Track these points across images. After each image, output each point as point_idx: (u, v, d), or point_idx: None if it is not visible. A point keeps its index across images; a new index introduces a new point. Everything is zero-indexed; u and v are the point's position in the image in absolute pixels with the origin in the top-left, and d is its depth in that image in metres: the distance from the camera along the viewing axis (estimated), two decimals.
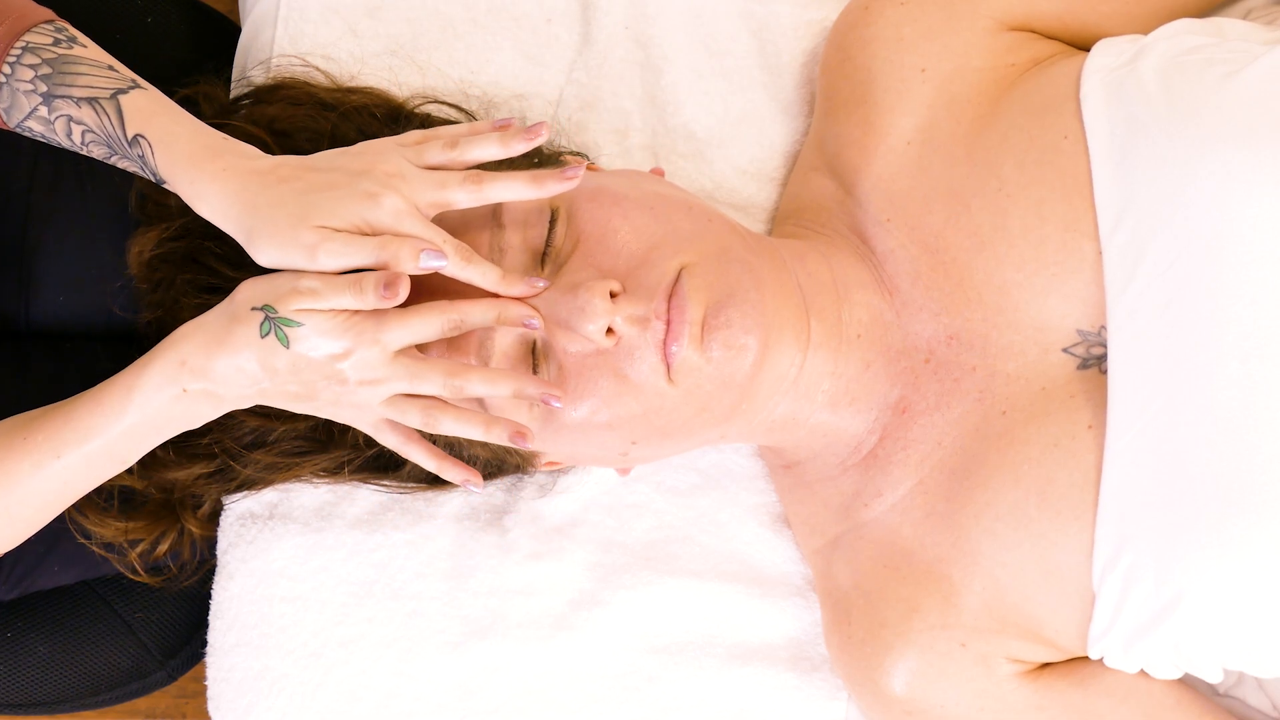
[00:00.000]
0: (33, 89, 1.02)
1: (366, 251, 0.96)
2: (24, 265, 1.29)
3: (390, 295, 0.96)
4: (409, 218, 0.98)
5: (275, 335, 0.98)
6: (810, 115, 1.29)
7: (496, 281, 1.01)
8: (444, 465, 1.05)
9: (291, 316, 0.97)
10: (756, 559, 1.25)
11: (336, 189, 0.98)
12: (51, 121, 1.03)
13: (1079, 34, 1.15)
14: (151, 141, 1.01)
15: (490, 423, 1.02)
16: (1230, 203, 0.99)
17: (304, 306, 0.97)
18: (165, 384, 1.00)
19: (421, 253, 0.97)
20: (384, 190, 0.98)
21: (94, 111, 1.02)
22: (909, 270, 1.12)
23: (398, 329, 0.98)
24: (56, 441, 1.02)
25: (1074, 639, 1.08)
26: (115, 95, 1.02)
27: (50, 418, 1.03)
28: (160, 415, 1.02)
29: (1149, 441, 1.00)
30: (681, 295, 1.02)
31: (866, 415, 1.13)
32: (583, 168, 1.02)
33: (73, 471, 1.03)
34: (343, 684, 1.23)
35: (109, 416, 1.02)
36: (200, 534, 1.23)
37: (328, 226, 0.97)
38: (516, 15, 1.32)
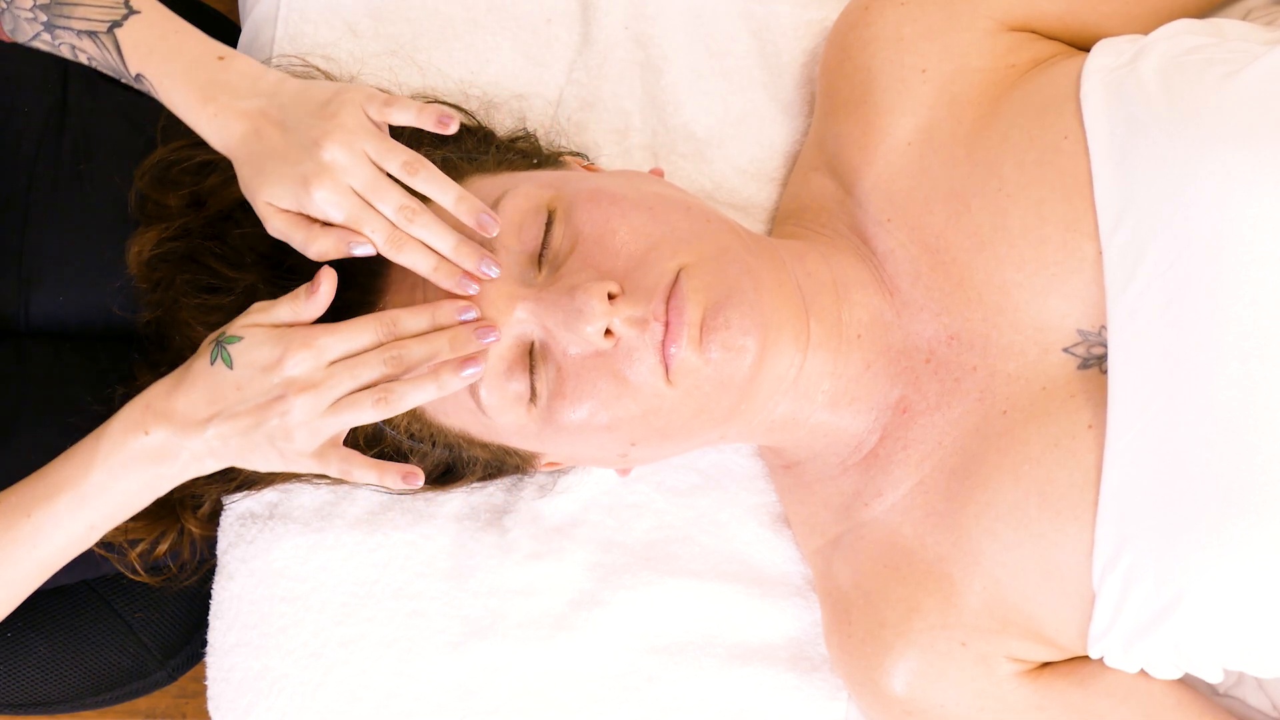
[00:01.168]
0: (33, 17, 1.04)
1: (297, 240, 1.03)
2: (24, 265, 1.29)
3: (311, 291, 1.03)
4: (338, 209, 1.01)
5: (221, 358, 1.02)
6: (810, 115, 1.29)
7: (430, 270, 1.03)
8: (384, 471, 1.05)
9: (235, 332, 1.02)
10: (756, 559, 1.25)
11: (286, 165, 1.01)
12: (56, 46, 1.06)
13: (1079, 34, 1.15)
14: (152, 82, 1.05)
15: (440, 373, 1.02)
16: (1230, 203, 0.99)
17: (246, 322, 1.03)
18: (129, 428, 1.03)
19: (351, 245, 1.01)
20: (316, 180, 1.00)
21: (94, 44, 1.04)
22: (909, 270, 1.11)
23: (327, 334, 1.01)
24: (27, 499, 1.04)
25: (1074, 638, 1.08)
26: (111, 29, 1.04)
27: (25, 480, 1.06)
28: (127, 471, 1.04)
29: (1149, 441, 1.00)
30: (680, 296, 1.02)
31: (867, 415, 1.13)
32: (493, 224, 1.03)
33: (42, 533, 1.04)
34: (343, 684, 1.23)
35: (77, 467, 1.04)
36: (200, 534, 1.23)
37: (273, 205, 1.02)
38: (516, 15, 1.32)
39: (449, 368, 1.02)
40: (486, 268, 1.02)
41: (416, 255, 1.02)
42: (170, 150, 1.21)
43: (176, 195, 1.19)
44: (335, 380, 1.01)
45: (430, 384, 1.02)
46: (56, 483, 1.04)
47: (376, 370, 1.01)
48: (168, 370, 1.17)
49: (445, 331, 1.02)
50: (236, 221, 1.16)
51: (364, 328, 1.02)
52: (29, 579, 1.07)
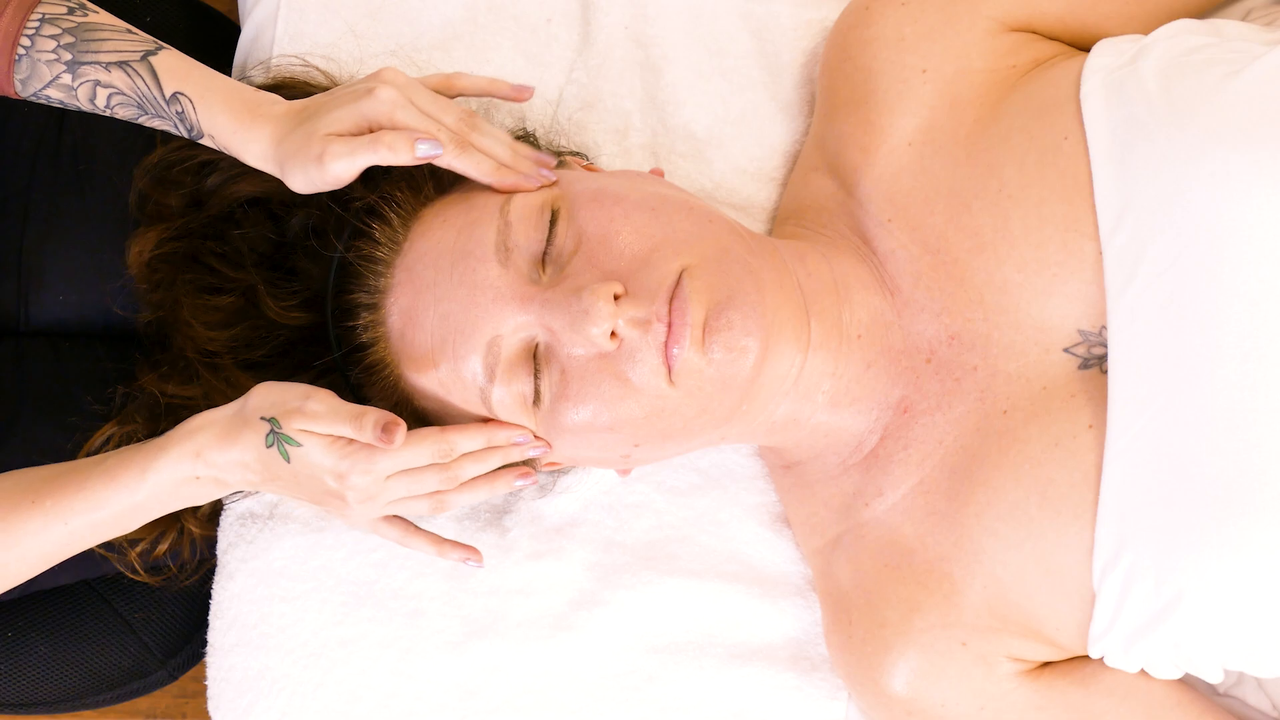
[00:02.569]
0: (55, 58, 1.04)
1: (363, 147, 1.02)
2: (24, 265, 1.29)
3: (386, 439, 1.01)
4: (403, 109, 1.03)
5: (278, 449, 1.03)
6: (810, 115, 1.29)
7: (490, 173, 1.06)
8: (444, 549, 1.13)
9: (293, 435, 1.02)
10: (756, 559, 1.25)
11: (338, 99, 1.04)
12: (75, 89, 1.06)
13: (1079, 35, 1.15)
14: (192, 99, 1.06)
15: (493, 482, 1.09)
16: (1230, 203, 0.99)
17: (304, 428, 1.02)
18: (179, 471, 1.05)
19: (417, 142, 1.02)
20: (379, 84, 1.03)
21: (125, 74, 1.05)
22: (910, 271, 1.11)
23: (387, 460, 1.04)
24: (65, 510, 1.06)
25: (1074, 638, 1.08)
26: (145, 57, 1.05)
27: (61, 484, 1.07)
28: (170, 495, 1.07)
29: (1149, 441, 1.00)
30: (683, 297, 1.02)
31: (867, 415, 1.13)
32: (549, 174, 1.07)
33: (77, 537, 1.07)
34: (343, 684, 1.23)
35: (121, 492, 1.06)
36: (200, 534, 1.23)
37: (333, 133, 1.02)
38: (516, 15, 1.32)
39: (505, 477, 1.09)
40: (545, 172, 1.07)
41: (479, 158, 1.05)
42: (170, 150, 1.21)
43: (177, 195, 1.19)
44: (393, 493, 1.06)
45: (484, 490, 1.09)
46: (97, 503, 1.06)
47: (432, 486, 1.07)
48: (169, 370, 1.17)
49: (499, 451, 1.07)
50: (237, 222, 1.16)
51: (422, 451, 1.05)
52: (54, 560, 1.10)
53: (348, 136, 1.02)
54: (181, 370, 1.17)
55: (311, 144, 1.03)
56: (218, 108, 1.06)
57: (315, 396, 1.04)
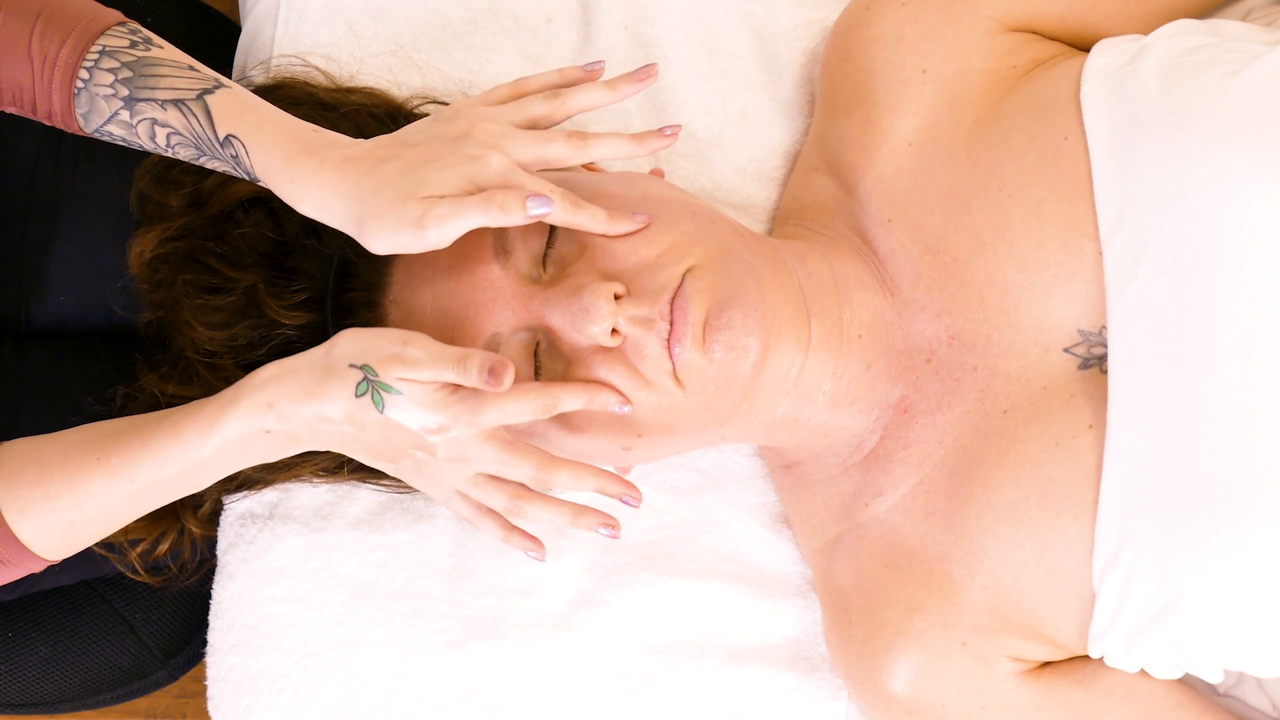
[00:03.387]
0: (113, 93, 1.00)
1: (472, 208, 0.95)
2: (24, 265, 1.29)
3: (494, 382, 0.95)
4: (516, 173, 0.97)
5: (371, 397, 0.97)
6: (810, 115, 1.29)
7: (605, 223, 1.01)
8: (512, 537, 1.07)
9: (391, 383, 0.97)
10: (756, 559, 1.25)
11: (439, 159, 0.97)
12: (134, 125, 1.01)
13: (1079, 35, 1.15)
14: (244, 141, 0.99)
15: (579, 513, 1.04)
16: (1230, 203, 0.99)
17: (405, 375, 0.97)
18: (249, 425, 1.00)
19: (528, 199, 0.96)
20: (487, 150, 0.97)
21: (180, 113, 1.00)
22: (910, 271, 1.12)
23: (493, 411, 0.98)
24: (131, 467, 1.02)
25: (1074, 638, 1.08)
26: (201, 96, 1.00)
27: (126, 440, 1.02)
28: (239, 451, 1.02)
29: (1149, 441, 1.01)
30: (684, 297, 1.02)
31: (867, 415, 1.13)
32: (679, 129, 1.03)
33: (144, 495, 1.03)
34: (343, 684, 1.23)
35: (188, 448, 1.01)
36: (200, 534, 1.23)
37: (434, 195, 0.96)
38: (516, 15, 1.32)
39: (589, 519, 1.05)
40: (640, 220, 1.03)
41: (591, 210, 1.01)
42: None
43: (177, 195, 1.18)
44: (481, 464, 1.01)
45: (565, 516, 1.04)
46: (166, 457, 1.01)
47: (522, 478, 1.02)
48: (169, 370, 1.17)
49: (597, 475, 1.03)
50: (237, 222, 1.16)
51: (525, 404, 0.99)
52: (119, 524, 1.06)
53: (451, 196, 0.95)
54: (181, 370, 1.17)
55: (408, 206, 0.95)
56: (272, 152, 0.99)
57: (413, 342, 0.97)
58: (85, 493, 1.02)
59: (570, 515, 1.04)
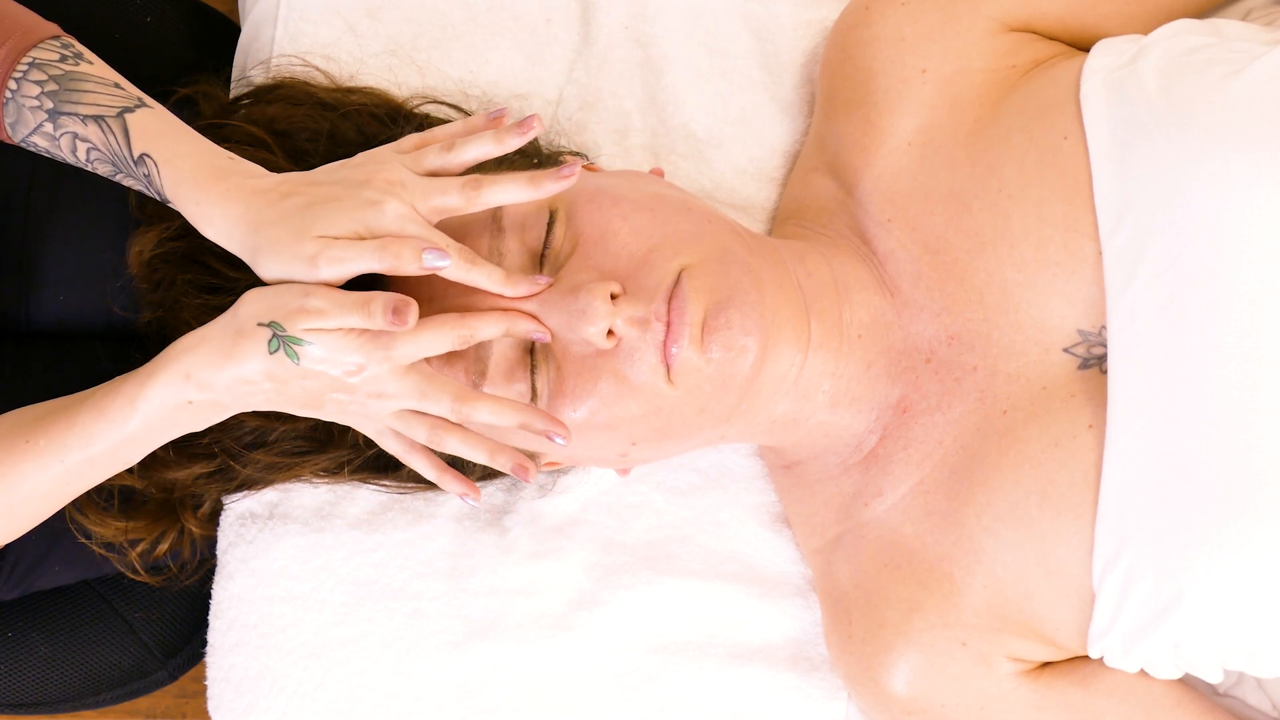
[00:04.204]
0: (38, 105, 1.01)
1: (368, 253, 0.96)
2: (24, 265, 1.29)
3: (399, 321, 0.96)
4: (411, 222, 0.98)
5: (284, 352, 0.97)
6: (810, 115, 1.29)
7: (500, 282, 1.01)
8: (444, 477, 1.06)
9: (300, 335, 0.97)
10: (756, 559, 1.25)
11: (338, 200, 0.98)
12: (57, 138, 1.02)
13: (1079, 35, 1.15)
14: (157, 162, 1.00)
15: (495, 450, 1.03)
16: (1230, 203, 0.99)
17: (312, 326, 0.97)
18: (170, 396, 1.00)
19: (424, 252, 0.96)
20: (385, 197, 0.98)
21: (100, 129, 1.01)
22: (910, 271, 1.12)
23: (408, 344, 0.98)
24: (59, 446, 1.03)
25: (1074, 638, 1.08)
26: (122, 114, 1.01)
27: (53, 421, 1.03)
28: (163, 423, 1.02)
29: (1149, 441, 1.01)
30: (681, 297, 1.02)
31: (867, 415, 1.13)
32: (578, 166, 1.02)
33: (75, 473, 1.04)
34: (343, 684, 1.23)
35: (113, 424, 1.02)
36: (200, 534, 1.23)
37: (328, 235, 0.97)
38: (516, 15, 1.32)
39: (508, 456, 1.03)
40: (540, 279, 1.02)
41: (489, 269, 1.01)
42: None
43: None
44: (404, 399, 1.00)
45: (482, 452, 1.03)
46: (92, 434, 1.02)
47: (442, 412, 1.01)
48: None
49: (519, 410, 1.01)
50: None
51: (442, 335, 0.99)
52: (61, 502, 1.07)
53: (346, 240, 0.96)
54: None
55: (303, 243, 0.97)
56: (183, 174, 1.00)
57: (314, 293, 0.97)
58: (18, 475, 1.03)
59: (487, 451, 1.03)
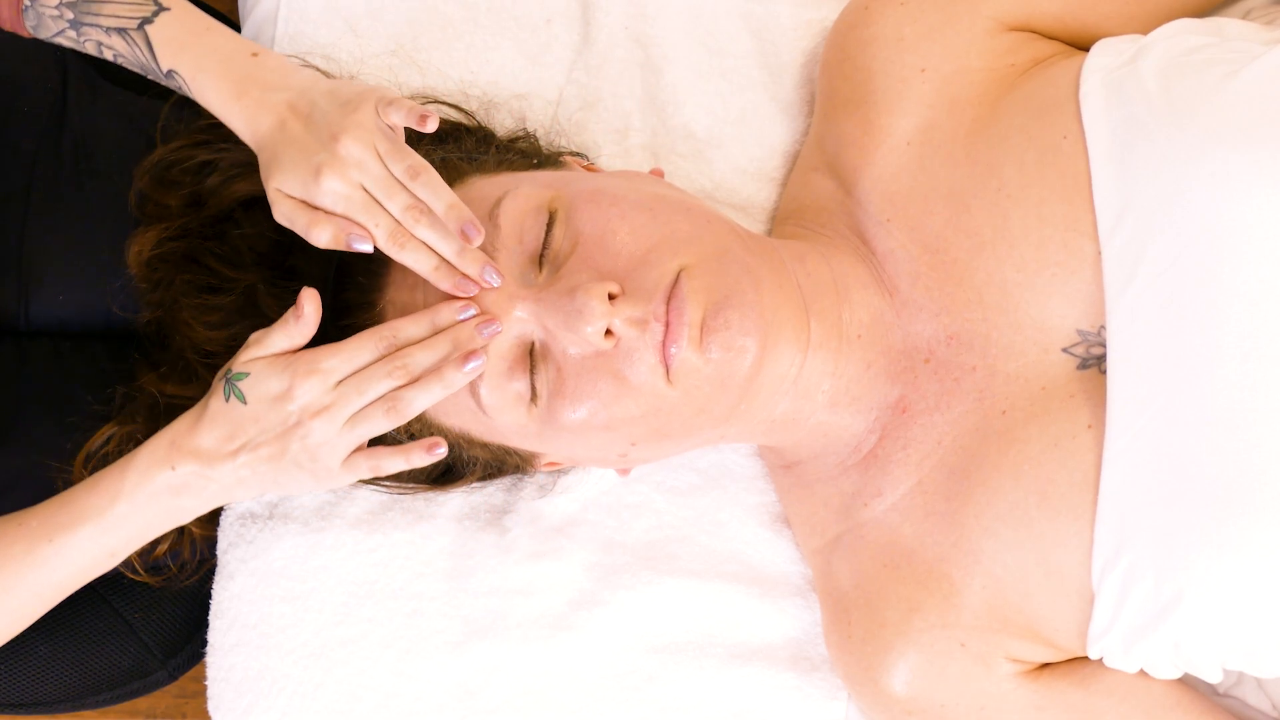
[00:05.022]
0: (58, 14, 1.04)
1: (298, 228, 1.02)
2: (24, 264, 1.29)
3: (296, 314, 1.04)
4: (345, 201, 1.01)
5: (234, 394, 1.03)
6: (810, 115, 1.29)
7: (430, 271, 1.03)
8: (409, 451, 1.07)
9: (241, 369, 1.03)
10: (756, 559, 1.25)
11: (302, 154, 1.02)
12: (81, 43, 1.07)
13: (1079, 34, 1.15)
14: (185, 78, 1.05)
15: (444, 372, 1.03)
16: (1230, 203, 0.99)
17: (248, 357, 1.04)
18: (156, 464, 1.05)
19: (349, 237, 1.01)
20: (328, 169, 1.00)
21: (124, 41, 1.05)
22: (909, 270, 1.12)
23: (330, 356, 1.03)
24: (50, 524, 1.06)
25: (1074, 639, 1.08)
26: (142, 25, 1.04)
27: (46, 503, 1.07)
28: (153, 502, 1.06)
29: (1148, 441, 1.00)
30: (680, 297, 1.02)
31: (866, 415, 1.13)
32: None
33: (63, 557, 1.06)
34: (343, 684, 1.23)
35: (103, 497, 1.05)
36: (200, 533, 1.23)
37: (281, 190, 1.02)
38: (516, 15, 1.32)
39: (452, 365, 1.03)
40: (489, 275, 1.03)
41: (419, 254, 1.02)
42: (170, 150, 1.21)
43: (176, 195, 1.19)
44: (345, 400, 1.03)
45: (436, 384, 1.03)
46: (80, 511, 1.06)
47: (384, 383, 1.03)
48: (168, 370, 1.17)
49: (447, 332, 1.03)
50: (236, 222, 1.17)
51: (364, 344, 1.03)
52: (46, 600, 1.09)
53: (293, 201, 1.02)
54: (181, 370, 1.17)
55: (266, 184, 1.03)
56: (207, 89, 1.05)
57: (255, 332, 1.05)
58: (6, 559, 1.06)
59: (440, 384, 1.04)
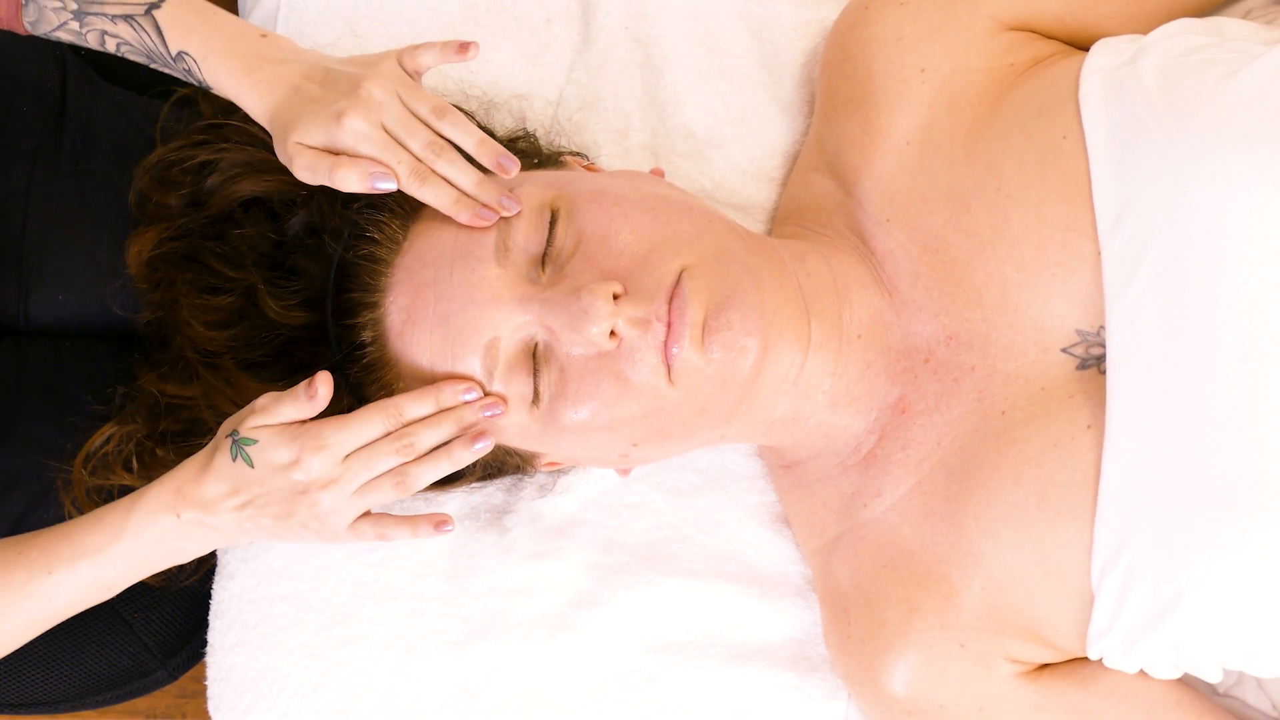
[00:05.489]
0: (61, 6, 1.04)
1: (322, 174, 1.02)
2: (24, 264, 1.29)
3: (310, 393, 1.04)
4: (367, 141, 1.01)
5: (241, 457, 1.04)
6: (810, 115, 1.29)
7: (451, 204, 1.04)
8: (416, 525, 1.10)
9: (248, 434, 1.03)
10: (756, 559, 1.25)
11: (321, 106, 1.02)
12: (83, 34, 1.06)
13: (1078, 34, 1.15)
14: (196, 58, 1.05)
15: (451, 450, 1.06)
16: (1230, 203, 0.99)
17: (256, 423, 1.04)
18: (161, 509, 1.05)
19: (371, 176, 1.01)
20: (349, 111, 1.01)
21: (131, 28, 1.05)
22: (909, 270, 1.12)
23: (336, 430, 1.04)
24: (50, 556, 1.06)
25: (1073, 639, 1.08)
26: (149, 10, 1.04)
27: (48, 533, 1.07)
28: (154, 543, 1.06)
29: (1148, 441, 1.00)
30: (682, 297, 1.02)
31: (866, 415, 1.13)
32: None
33: (60, 589, 1.07)
34: (343, 684, 1.23)
35: (105, 535, 1.06)
36: None
37: (302, 143, 1.02)
38: (516, 15, 1.32)
39: (460, 444, 1.06)
40: (507, 203, 1.04)
41: (439, 189, 1.03)
42: (170, 150, 1.21)
43: (176, 195, 1.19)
44: (353, 474, 1.05)
45: (444, 461, 1.06)
46: (82, 547, 1.06)
47: (390, 460, 1.05)
48: (169, 370, 1.17)
49: (452, 413, 1.05)
50: (236, 222, 1.16)
51: (371, 420, 1.04)
52: (39, 627, 1.10)
53: (314, 151, 1.02)
54: (181, 370, 1.17)
55: (284, 146, 1.03)
56: (219, 68, 1.05)
57: (265, 395, 1.05)
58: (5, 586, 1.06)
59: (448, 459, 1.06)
